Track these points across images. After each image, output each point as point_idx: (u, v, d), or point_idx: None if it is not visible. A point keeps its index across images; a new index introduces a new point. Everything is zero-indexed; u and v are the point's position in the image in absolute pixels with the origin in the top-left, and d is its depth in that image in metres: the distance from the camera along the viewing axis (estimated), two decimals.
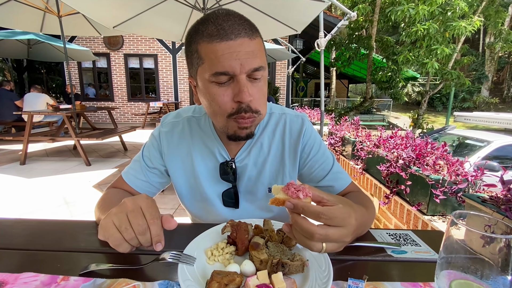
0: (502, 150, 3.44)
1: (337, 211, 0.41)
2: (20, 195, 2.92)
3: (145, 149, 0.76)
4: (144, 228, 0.44)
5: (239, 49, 0.51)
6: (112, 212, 0.47)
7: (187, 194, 0.77)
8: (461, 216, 0.36)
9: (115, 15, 3.23)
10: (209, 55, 0.52)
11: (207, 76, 0.54)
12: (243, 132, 0.61)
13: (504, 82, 17.87)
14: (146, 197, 0.50)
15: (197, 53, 0.54)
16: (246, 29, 0.53)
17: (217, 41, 0.51)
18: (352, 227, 0.42)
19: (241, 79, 0.53)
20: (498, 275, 0.32)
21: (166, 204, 2.66)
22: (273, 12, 3.17)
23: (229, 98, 0.55)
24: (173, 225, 0.46)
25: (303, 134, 0.74)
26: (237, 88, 0.54)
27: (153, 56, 9.06)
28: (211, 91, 0.56)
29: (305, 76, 18.24)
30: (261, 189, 0.75)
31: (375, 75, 6.77)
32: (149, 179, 0.74)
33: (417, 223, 1.62)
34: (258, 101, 0.58)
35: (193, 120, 0.75)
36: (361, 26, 6.72)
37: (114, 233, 0.45)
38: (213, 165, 0.73)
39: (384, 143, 2.23)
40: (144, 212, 0.46)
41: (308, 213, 0.40)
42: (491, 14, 6.67)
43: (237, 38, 0.51)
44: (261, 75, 0.57)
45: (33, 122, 4.48)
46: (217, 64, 0.52)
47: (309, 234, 0.39)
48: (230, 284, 0.43)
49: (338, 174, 0.75)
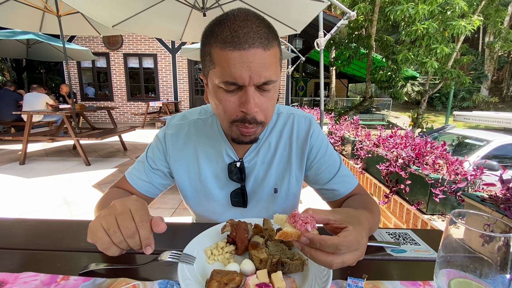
0: (502, 149, 3.44)
1: (351, 238, 0.40)
2: (20, 195, 2.92)
3: (149, 150, 0.76)
4: (132, 231, 0.43)
5: (251, 60, 0.50)
6: (101, 215, 0.45)
7: (192, 197, 0.76)
8: (460, 215, 0.36)
9: (115, 14, 3.22)
10: (221, 62, 0.52)
11: (216, 81, 0.54)
12: (246, 138, 0.61)
13: (503, 81, 17.89)
14: (136, 199, 0.49)
15: (210, 56, 0.54)
16: (262, 39, 0.51)
17: (230, 49, 0.50)
18: (364, 246, 0.42)
19: (249, 90, 0.53)
20: (497, 274, 0.32)
21: (166, 204, 2.66)
22: (273, 12, 3.16)
23: (235, 105, 0.55)
24: (162, 228, 0.45)
25: (310, 135, 0.73)
26: (244, 98, 0.54)
27: (153, 56, 9.05)
28: (219, 95, 0.56)
29: (305, 76, 18.23)
30: (267, 190, 0.74)
31: (375, 75, 6.76)
32: (151, 180, 0.74)
33: (417, 222, 1.62)
34: (264, 111, 0.57)
35: (199, 122, 0.74)
36: (360, 25, 6.71)
37: (102, 236, 0.43)
38: (221, 166, 0.72)
39: (383, 142, 2.23)
40: (133, 215, 0.45)
41: (325, 247, 0.39)
42: (491, 13, 6.67)
43: (251, 49, 0.50)
44: (272, 87, 0.56)
45: (33, 122, 4.48)
46: (228, 73, 0.51)
47: (328, 265, 0.40)
48: (230, 283, 0.43)
49: (344, 177, 0.74)
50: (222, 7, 3.28)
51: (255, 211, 0.76)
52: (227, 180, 0.72)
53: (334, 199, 0.74)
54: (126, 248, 0.45)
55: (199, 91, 9.50)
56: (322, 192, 0.76)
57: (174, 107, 9.07)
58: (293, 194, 0.76)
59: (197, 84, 9.48)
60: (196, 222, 0.88)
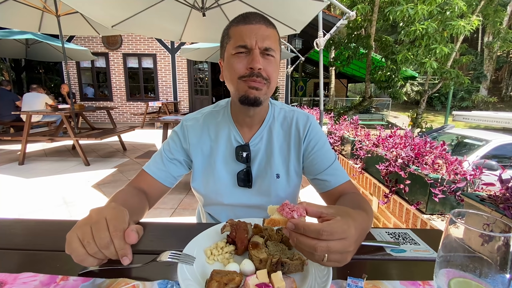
0: (501, 149, 3.45)
1: (336, 225, 0.41)
2: (19, 195, 2.91)
3: (165, 145, 0.83)
4: (106, 242, 0.42)
5: (257, 31, 0.68)
6: (78, 225, 0.45)
7: (201, 177, 0.83)
8: (460, 215, 0.36)
9: (114, 14, 3.22)
10: (235, 34, 0.69)
11: (231, 49, 0.69)
12: (252, 92, 0.69)
13: (502, 81, 17.92)
14: (113, 207, 0.48)
15: (228, 34, 0.72)
16: (265, 20, 0.70)
17: (242, 24, 0.69)
18: (353, 237, 0.42)
19: (255, 52, 0.67)
20: (497, 273, 0.32)
21: (166, 204, 2.65)
22: (272, 12, 3.16)
23: (243, 65, 0.68)
24: (132, 240, 0.44)
25: (308, 128, 0.81)
26: (251, 59, 0.67)
27: (152, 56, 9.04)
28: (232, 61, 0.69)
29: (304, 76, 18.24)
30: (270, 174, 0.80)
31: (374, 75, 6.77)
32: (169, 169, 0.80)
33: (416, 222, 1.62)
34: (268, 71, 0.69)
35: (213, 113, 0.85)
36: (360, 25, 6.71)
37: (77, 247, 0.42)
38: (228, 148, 0.81)
39: (383, 142, 2.23)
40: (108, 224, 0.44)
41: (308, 232, 0.41)
42: (490, 14, 6.68)
43: (257, 24, 0.68)
44: (273, 56, 0.70)
45: (32, 122, 4.47)
46: (239, 39, 0.68)
47: (312, 249, 0.40)
48: (230, 284, 0.43)
49: (336, 171, 0.79)
50: (221, 7, 3.28)
51: (259, 194, 0.81)
52: (234, 162, 0.80)
53: (326, 190, 0.79)
54: (103, 258, 0.44)
55: (199, 91, 9.50)
56: (315, 182, 0.82)
57: (174, 107, 9.06)
58: (293, 181, 0.83)
59: (197, 84, 9.48)
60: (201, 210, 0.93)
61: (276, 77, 0.73)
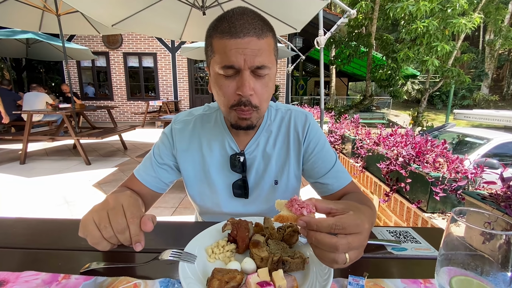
0: (502, 147, 3.44)
1: (349, 219, 0.40)
2: (20, 195, 2.92)
3: (155, 147, 0.79)
4: (123, 227, 0.43)
5: (246, 46, 0.56)
6: (94, 209, 0.46)
7: (196, 188, 0.79)
8: (461, 213, 0.36)
9: (114, 13, 3.21)
10: (219, 50, 0.58)
11: (216, 68, 0.59)
12: (243, 122, 0.64)
13: (504, 79, 17.85)
14: (129, 194, 0.49)
15: (211, 46, 0.60)
16: (256, 29, 0.57)
17: (227, 37, 0.56)
18: (367, 231, 0.42)
19: (245, 74, 0.57)
20: (498, 272, 0.32)
21: (167, 203, 2.66)
22: (273, 11, 3.15)
23: (232, 90, 0.59)
24: (148, 228, 0.45)
25: (307, 129, 0.77)
26: (240, 82, 0.58)
27: (152, 55, 9.04)
28: (219, 82, 0.60)
29: (305, 74, 18.20)
30: (268, 181, 0.77)
31: (375, 73, 6.75)
32: (158, 175, 0.76)
33: (417, 221, 1.62)
34: (260, 96, 0.61)
35: (204, 117, 0.79)
36: (360, 24, 6.69)
37: (93, 230, 0.43)
38: (223, 157, 0.76)
39: (384, 141, 2.23)
40: (125, 210, 0.45)
41: (322, 228, 0.39)
42: (491, 11, 6.65)
43: (245, 37, 0.55)
44: (266, 73, 0.60)
45: (33, 121, 4.47)
46: (225, 58, 0.57)
47: (333, 247, 0.38)
48: (231, 282, 0.43)
49: (338, 173, 0.76)
50: (221, 5, 3.27)
51: (257, 203, 0.78)
52: (229, 171, 0.75)
53: (328, 193, 0.76)
54: (117, 243, 0.45)
55: (199, 90, 9.50)
56: (317, 186, 0.78)
57: (174, 106, 9.07)
58: (292, 186, 0.79)
59: (197, 83, 9.48)
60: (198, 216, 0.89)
61: (269, 97, 0.65)
